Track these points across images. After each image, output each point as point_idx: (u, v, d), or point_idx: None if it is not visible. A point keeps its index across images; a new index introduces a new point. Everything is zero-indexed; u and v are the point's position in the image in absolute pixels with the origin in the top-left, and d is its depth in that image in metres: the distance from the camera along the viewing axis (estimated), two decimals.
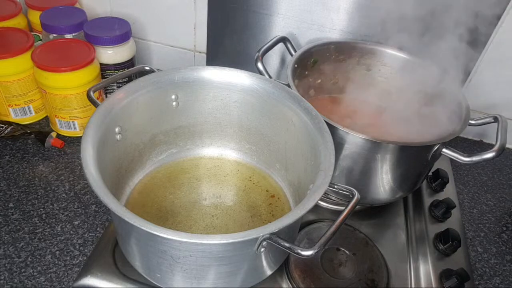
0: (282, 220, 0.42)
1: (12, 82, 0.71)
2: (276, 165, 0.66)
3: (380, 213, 0.68)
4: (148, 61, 0.95)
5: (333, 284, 0.56)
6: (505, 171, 0.83)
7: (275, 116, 0.61)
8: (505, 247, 0.68)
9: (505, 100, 0.82)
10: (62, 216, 0.63)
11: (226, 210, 0.61)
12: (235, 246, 0.43)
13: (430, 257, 0.62)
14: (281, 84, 0.60)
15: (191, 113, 0.64)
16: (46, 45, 0.72)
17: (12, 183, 0.67)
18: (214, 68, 0.61)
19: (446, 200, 0.68)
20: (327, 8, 0.77)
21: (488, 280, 0.63)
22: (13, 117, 0.76)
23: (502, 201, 0.77)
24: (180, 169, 0.66)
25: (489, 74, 0.79)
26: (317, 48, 0.71)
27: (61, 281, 0.55)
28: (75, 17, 0.78)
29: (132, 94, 0.56)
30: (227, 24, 0.84)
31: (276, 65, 0.87)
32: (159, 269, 0.48)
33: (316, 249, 0.41)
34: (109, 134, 0.53)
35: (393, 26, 0.67)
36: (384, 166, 0.59)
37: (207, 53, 0.90)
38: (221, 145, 0.69)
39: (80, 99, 0.71)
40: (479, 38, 0.72)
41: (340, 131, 0.55)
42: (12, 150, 0.72)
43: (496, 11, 0.70)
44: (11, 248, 0.58)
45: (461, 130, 0.59)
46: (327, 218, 0.65)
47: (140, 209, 0.60)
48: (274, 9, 0.79)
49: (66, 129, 0.75)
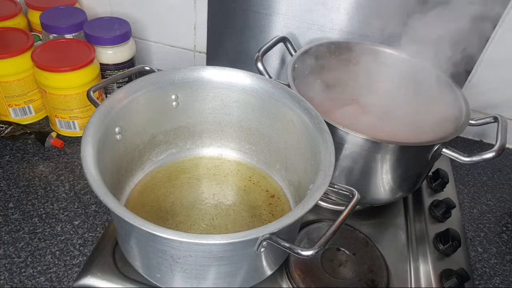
0: (282, 220, 0.42)
1: (12, 82, 0.71)
2: (276, 165, 0.66)
3: (380, 213, 0.68)
4: (148, 61, 0.95)
5: (333, 284, 0.56)
6: (505, 171, 0.83)
7: (275, 116, 0.61)
8: (505, 247, 0.68)
9: (505, 100, 0.82)
10: (62, 216, 0.63)
11: (226, 210, 0.61)
12: (235, 246, 0.43)
13: (430, 257, 0.62)
14: (281, 84, 0.60)
15: (191, 113, 0.64)
16: (46, 45, 0.72)
17: (12, 183, 0.67)
18: (214, 68, 0.61)
19: (446, 200, 0.68)
20: (327, 8, 0.77)
21: (488, 280, 0.63)
22: (13, 117, 0.76)
23: (502, 201, 0.77)
24: (180, 169, 0.66)
25: (489, 74, 0.79)
26: (317, 48, 0.71)
27: (61, 281, 0.55)
28: (75, 17, 0.78)
29: (132, 94, 0.56)
30: (227, 24, 0.84)
31: (276, 65, 0.87)
32: (159, 269, 0.48)
33: (316, 249, 0.41)
34: (109, 134, 0.53)
35: (393, 26, 0.67)
36: (384, 166, 0.59)
37: (207, 53, 0.90)
38: (221, 145, 0.69)
39: (80, 99, 0.71)
40: (479, 38, 0.72)
41: (340, 131, 0.55)
42: (12, 150, 0.72)
43: (496, 11, 0.70)
44: (11, 248, 0.58)
45: (461, 130, 0.58)
46: (327, 218, 0.65)
47: (140, 209, 0.60)
48: (274, 9, 0.79)
49: (66, 129, 0.75)
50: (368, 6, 0.74)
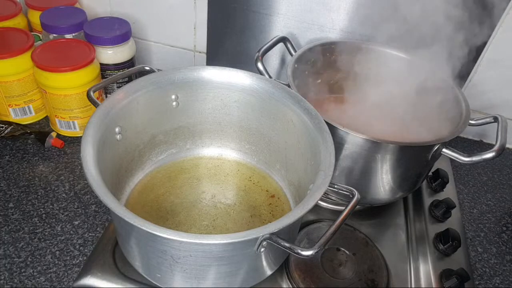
0: (282, 220, 0.42)
1: (12, 82, 0.71)
2: (276, 165, 0.66)
3: (380, 213, 0.68)
4: (148, 61, 0.95)
5: (333, 284, 0.56)
6: (505, 171, 0.83)
7: (275, 116, 0.61)
8: (505, 247, 0.68)
9: (505, 100, 0.82)
10: (62, 216, 0.63)
11: (226, 210, 0.61)
12: (235, 246, 0.43)
13: (430, 257, 0.62)
14: (281, 84, 0.60)
15: (191, 113, 0.64)
16: (46, 45, 0.72)
17: (12, 183, 0.67)
18: (214, 68, 0.61)
19: (446, 200, 0.68)
20: (327, 8, 0.77)
21: (488, 280, 0.63)
22: (13, 117, 0.76)
23: (502, 201, 0.77)
24: (180, 169, 0.66)
25: (489, 74, 0.79)
26: (317, 48, 0.71)
27: (61, 281, 0.55)
28: (75, 17, 0.78)
29: (132, 94, 0.56)
30: (227, 24, 0.84)
31: (276, 65, 0.87)
32: (159, 269, 0.48)
33: (316, 249, 0.41)
34: (109, 134, 0.53)
35: (393, 26, 0.67)
36: (384, 166, 0.59)
37: (207, 53, 0.90)
38: (221, 145, 0.69)
39: (80, 99, 0.71)
40: (479, 38, 0.72)
41: (340, 131, 0.55)
42: (12, 150, 0.72)
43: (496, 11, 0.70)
44: (11, 248, 0.58)
45: (461, 130, 0.58)
46: (327, 218, 0.65)
47: (140, 209, 0.60)
48: (274, 9, 0.79)
49: (66, 129, 0.75)
50: (368, 6, 0.74)
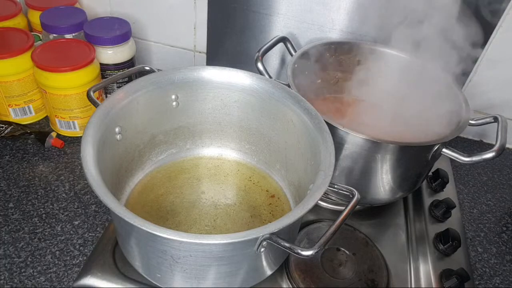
0: (282, 220, 0.42)
1: (12, 82, 0.71)
2: (276, 165, 0.66)
3: (380, 213, 0.68)
4: (148, 61, 0.95)
5: (333, 284, 0.56)
6: (505, 171, 0.83)
7: (275, 116, 0.61)
8: (505, 247, 0.68)
9: (505, 100, 0.82)
10: (62, 216, 0.63)
11: (226, 210, 0.61)
12: (235, 246, 0.43)
13: (430, 257, 0.62)
14: (281, 84, 0.60)
15: (191, 113, 0.64)
16: (46, 45, 0.72)
17: (12, 183, 0.67)
18: (214, 68, 0.61)
19: (446, 200, 0.68)
20: (327, 8, 0.77)
21: (488, 280, 0.63)
22: (13, 117, 0.76)
23: (502, 201, 0.77)
24: (180, 169, 0.66)
25: (489, 74, 0.79)
26: (317, 48, 0.71)
27: (61, 281, 0.55)
28: (75, 17, 0.78)
29: (132, 94, 0.56)
30: (227, 24, 0.84)
31: (276, 65, 0.87)
32: (159, 269, 0.48)
33: (316, 249, 0.41)
34: (109, 134, 0.53)
35: (393, 26, 0.67)
36: (384, 166, 0.59)
37: (207, 53, 0.90)
38: (221, 145, 0.69)
39: (80, 99, 0.71)
40: (480, 38, 0.72)
41: (340, 131, 0.55)
42: (12, 150, 0.72)
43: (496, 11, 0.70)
44: (11, 248, 0.58)
45: (461, 130, 0.58)
46: (327, 218, 0.65)
47: (140, 209, 0.60)
48: (274, 9, 0.79)
49: (66, 129, 0.75)
50: (368, 6, 0.74)
